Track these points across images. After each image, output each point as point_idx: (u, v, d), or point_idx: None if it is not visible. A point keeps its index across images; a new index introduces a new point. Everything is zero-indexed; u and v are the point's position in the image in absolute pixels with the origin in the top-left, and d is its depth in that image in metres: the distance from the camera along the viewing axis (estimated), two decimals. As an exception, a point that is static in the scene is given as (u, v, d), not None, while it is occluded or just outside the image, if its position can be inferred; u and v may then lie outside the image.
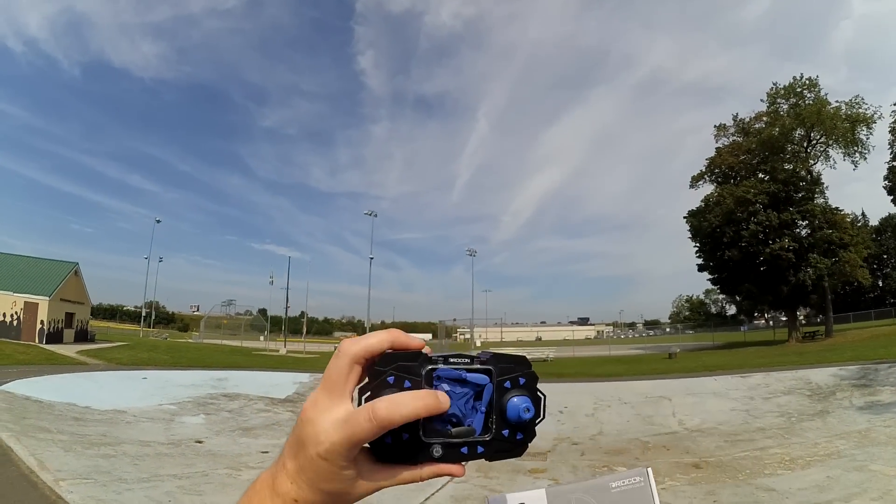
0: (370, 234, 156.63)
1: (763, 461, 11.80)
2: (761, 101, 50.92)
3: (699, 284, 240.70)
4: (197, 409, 18.76)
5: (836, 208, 48.76)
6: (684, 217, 55.10)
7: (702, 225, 51.08)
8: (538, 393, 0.76)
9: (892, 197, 54.33)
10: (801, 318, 61.05)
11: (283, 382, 25.54)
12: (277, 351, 55.60)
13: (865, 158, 47.74)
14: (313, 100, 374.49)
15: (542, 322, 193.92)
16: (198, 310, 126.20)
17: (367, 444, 0.70)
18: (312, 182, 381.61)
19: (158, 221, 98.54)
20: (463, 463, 0.74)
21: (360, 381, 0.71)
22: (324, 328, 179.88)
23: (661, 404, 19.81)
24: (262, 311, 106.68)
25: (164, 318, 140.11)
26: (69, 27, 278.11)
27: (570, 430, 17.18)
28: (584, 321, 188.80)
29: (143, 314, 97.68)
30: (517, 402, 0.72)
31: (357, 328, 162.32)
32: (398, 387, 0.69)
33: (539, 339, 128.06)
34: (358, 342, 0.69)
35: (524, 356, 0.75)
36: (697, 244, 54.32)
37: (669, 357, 42.12)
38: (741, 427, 15.66)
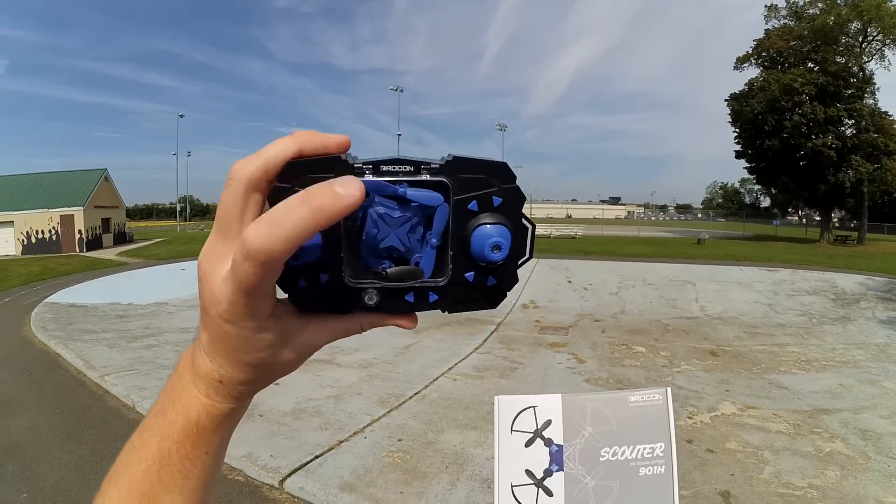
0: (397, 111, 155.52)
1: (779, 357, 12.12)
2: (818, -17, 47.57)
3: (735, 172, 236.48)
4: None
5: (886, 112, 46.59)
6: (726, 100, 52.58)
7: (743, 110, 48.83)
8: (523, 221, 0.52)
9: (947, 110, 52.05)
10: (835, 220, 60.13)
11: (318, 260, 26.60)
12: None
13: (922, 65, 44.89)
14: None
15: (572, 200, 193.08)
16: None
17: (283, 294, 0.52)
18: (334, 60, 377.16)
19: (182, 116, 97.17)
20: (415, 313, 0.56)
21: (260, 212, 0.50)
22: None
23: (685, 289, 20.12)
24: None
25: (200, 211, 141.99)
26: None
27: (594, 307, 17.61)
28: (615, 201, 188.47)
29: (178, 209, 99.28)
30: (486, 234, 0.50)
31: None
32: None
33: (569, 216, 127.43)
34: (253, 160, 0.48)
35: (504, 163, 0.51)
36: (737, 130, 52.20)
37: (698, 242, 41.89)
38: (762, 320, 15.95)
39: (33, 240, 44.48)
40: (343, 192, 0.41)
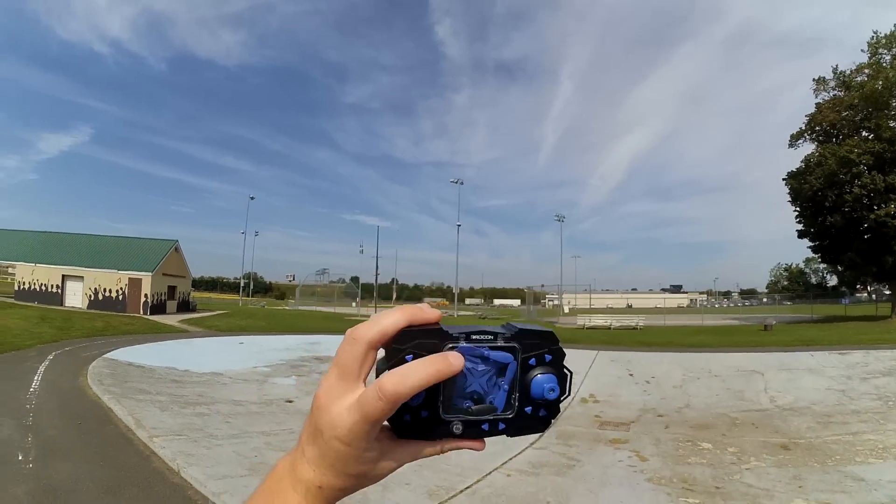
0: (457, 202, 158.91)
1: (855, 447, 11.51)
2: (862, 51, 46.70)
3: (799, 252, 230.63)
4: (290, 370, 19.69)
5: (946, 175, 44.70)
6: (783, 179, 51.55)
7: (802, 188, 47.72)
8: (564, 370, 0.76)
9: None
10: (905, 293, 57.64)
11: (372, 346, 26.71)
12: (369, 316, 55.47)
13: (980, 119, 43.39)
14: (393, 73, 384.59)
15: (632, 289, 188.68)
16: (293, 279, 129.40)
17: (386, 423, 0.71)
18: (398, 153, 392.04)
19: (252, 198, 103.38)
20: (484, 438, 0.77)
21: (374, 364, 0.72)
22: (413, 294, 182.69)
23: (753, 379, 19.41)
24: (354, 279, 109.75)
25: (262, 288, 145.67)
26: (150, 26, 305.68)
27: (656, 402, 17.11)
28: (676, 289, 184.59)
29: (242, 284, 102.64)
30: (542, 381, 0.73)
31: (446, 294, 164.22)
32: None
33: (629, 306, 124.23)
34: (373, 326, 0.70)
35: (552, 331, 0.75)
36: (797, 209, 50.97)
37: (765, 329, 40.51)
38: (835, 408, 15.21)
39: (100, 296, 47.21)
40: (454, 361, 0.66)
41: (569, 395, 0.76)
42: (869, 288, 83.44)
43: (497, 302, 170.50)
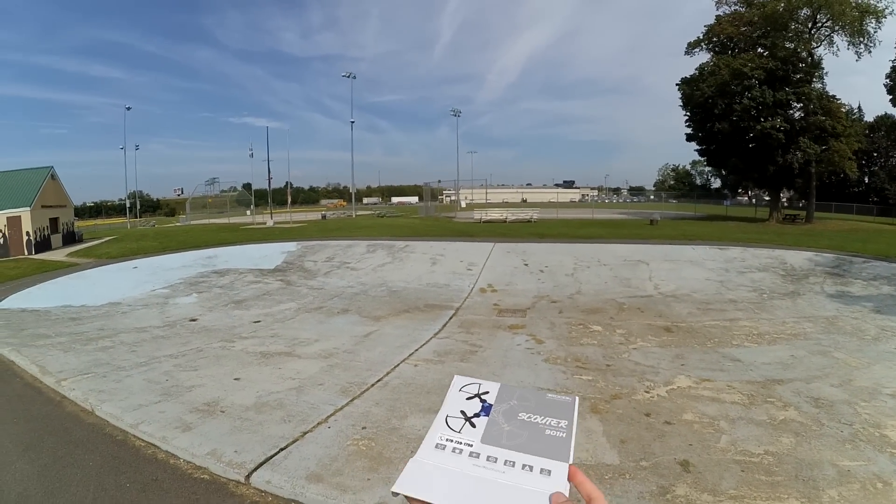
0: (350, 98, 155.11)
1: (732, 332, 12.37)
2: (769, -28, 48.13)
3: (686, 155, 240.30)
4: (189, 289, 19.11)
5: (833, 96, 47.22)
6: (677, 84, 52.98)
7: (694, 94, 49.39)
8: None
9: (891, 96, 54.06)
10: (784, 200, 61.42)
11: (271, 254, 26.10)
12: (265, 223, 54.26)
13: (870, 52, 45.80)
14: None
15: (527, 184, 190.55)
16: (182, 192, 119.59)
17: None
18: (285, 47, 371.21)
19: (129, 108, 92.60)
20: None
21: None
22: (310, 197, 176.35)
23: (639, 268, 20.42)
24: (247, 186, 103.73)
25: (150, 206, 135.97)
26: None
27: (550, 289, 17.73)
28: (569, 184, 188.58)
29: (128, 205, 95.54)
30: None
31: (343, 194, 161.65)
32: None
33: (524, 200, 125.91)
34: None
35: None
36: (688, 113, 52.72)
37: (651, 223, 42.50)
38: (714, 297, 16.29)
39: (-20, 245, 42.77)
40: None
41: None
42: (750, 192, 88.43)
43: (395, 200, 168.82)
